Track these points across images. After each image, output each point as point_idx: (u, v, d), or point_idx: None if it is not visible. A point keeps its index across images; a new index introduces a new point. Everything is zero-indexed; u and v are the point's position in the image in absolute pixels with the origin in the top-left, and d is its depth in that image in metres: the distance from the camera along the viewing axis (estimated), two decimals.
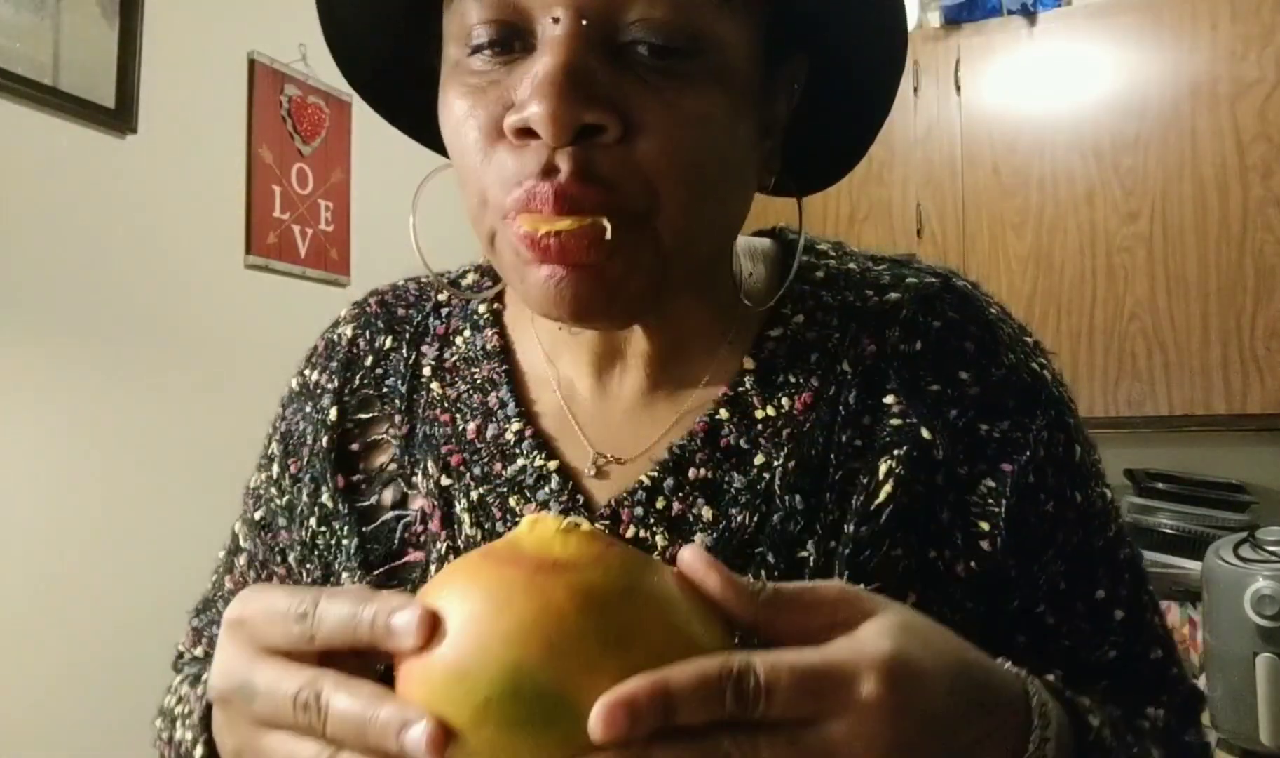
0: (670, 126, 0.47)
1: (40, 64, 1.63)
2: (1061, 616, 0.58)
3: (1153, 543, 2.19)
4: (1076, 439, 0.60)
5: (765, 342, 0.59)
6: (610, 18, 0.46)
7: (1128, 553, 0.62)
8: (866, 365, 0.58)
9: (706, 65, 0.48)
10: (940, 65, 2.46)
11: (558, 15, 0.46)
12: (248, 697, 0.40)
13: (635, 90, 0.46)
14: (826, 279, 0.62)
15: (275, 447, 0.68)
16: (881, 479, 0.55)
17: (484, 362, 0.63)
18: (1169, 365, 2.24)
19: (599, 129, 0.46)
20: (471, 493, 0.58)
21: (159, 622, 1.75)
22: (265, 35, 2.09)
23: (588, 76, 0.45)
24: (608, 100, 0.46)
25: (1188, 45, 2.25)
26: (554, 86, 0.44)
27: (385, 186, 2.41)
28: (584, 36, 0.46)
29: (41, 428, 1.63)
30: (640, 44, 0.46)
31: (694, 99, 0.47)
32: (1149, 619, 0.62)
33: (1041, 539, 0.57)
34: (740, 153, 0.52)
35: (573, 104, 0.44)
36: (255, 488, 0.69)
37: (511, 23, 0.47)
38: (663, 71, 0.47)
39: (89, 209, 1.72)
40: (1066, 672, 0.54)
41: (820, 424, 0.56)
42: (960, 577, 0.55)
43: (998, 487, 0.56)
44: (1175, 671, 0.62)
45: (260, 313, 2.06)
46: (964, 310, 0.61)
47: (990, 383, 0.58)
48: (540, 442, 0.59)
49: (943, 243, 2.45)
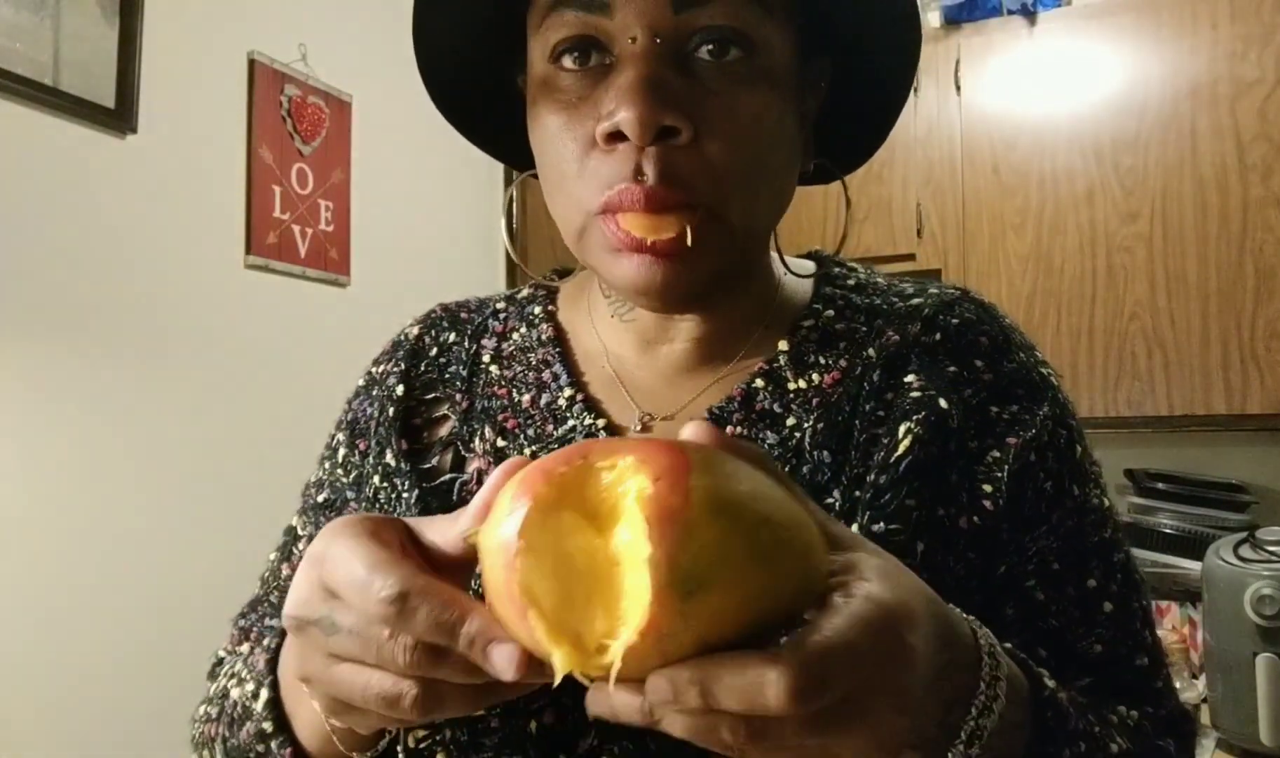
0: (733, 128, 0.54)
1: (40, 64, 1.63)
2: (1051, 594, 0.60)
3: (1153, 543, 2.19)
4: (1078, 440, 0.65)
5: (799, 329, 0.66)
6: (679, 33, 0.54)
7: (1122, 558, 0.64)
8: (890, 352, 0.64)
9: (758, 66, 0.55)
10: (940, 65, 2.46)
11: (635, 35, 0.54)
12: (327, 628, 0.42)
13: (701, 96, 0.54)
14: (856, 286, 0.70)
15: (341, 436, 0.72)
16: (900, 438, 0.60)
17: (539, 348, 0.70)
18: (1169, 365, 2.24)
19: (675, 131, 0.53)
20: (525, 451, 0.64)
21: (159, 620, 1.76)
22: (265, 35, 2.09)
23: (664, 85, 0.53)
24: (681, 105, 0.53)
25: (1188, 45, 2.25)
26: (638, 94, 0.52)
27: (385, 187, 2.41)
28: (658, 51, 0.54)
29: (41, 427, 1.63)
30: (704, 49, 0.54)
31: (749, 98, 0.55)
32: (1138, 625, 0.63)
33: (1037, 513, 0.61)
34: (788, 144, 0.59)
35: (654, 108, 0.52)
36: (317, 479, 0.73)
37: (595, 41, 0.55)
38: (722, 74, 0.55)
39: (89, 209, 1.72)
40: (1053, 657, 0.56)
41: (847, 396, 0.62)
42: (963, 529, 0.59)
43: (1002, 456, 0.61)
44: (1161, 685, 0.63)
45: (260, 313, 2.06)
46: (980, 314, 0.67)
47: (1002, 372, 0.64)
48: (590, 405, 0.65)
49: (943, 243, 2.45)
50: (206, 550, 1.81)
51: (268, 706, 0.55)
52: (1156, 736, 0.61)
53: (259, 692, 0.56)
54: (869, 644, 0.37)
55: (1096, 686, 0.59)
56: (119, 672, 1.69)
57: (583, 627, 0.36)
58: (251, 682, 0.58)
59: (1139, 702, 0.61)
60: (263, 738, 0.56)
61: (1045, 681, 0.51)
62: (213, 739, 0.62)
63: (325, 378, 1.17)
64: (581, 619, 0.36)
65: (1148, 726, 0.60)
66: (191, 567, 1.80)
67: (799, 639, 0.36)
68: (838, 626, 0.37)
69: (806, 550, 0.38)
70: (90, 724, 1.65)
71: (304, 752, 0.55)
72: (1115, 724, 0.58)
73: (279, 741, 0.55)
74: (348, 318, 2.26)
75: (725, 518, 0.35)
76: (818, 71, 0.63)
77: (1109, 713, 0.58)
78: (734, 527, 0.35)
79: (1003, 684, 0.45)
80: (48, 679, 1.61)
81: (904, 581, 0.41)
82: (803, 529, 0.38)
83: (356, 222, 2.32)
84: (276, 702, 0.55)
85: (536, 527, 0.36)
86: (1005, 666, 0.46)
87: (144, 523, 1.78)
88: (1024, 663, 0.51)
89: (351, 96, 2.32)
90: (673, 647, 0.35)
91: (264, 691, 0.55)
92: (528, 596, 0.35)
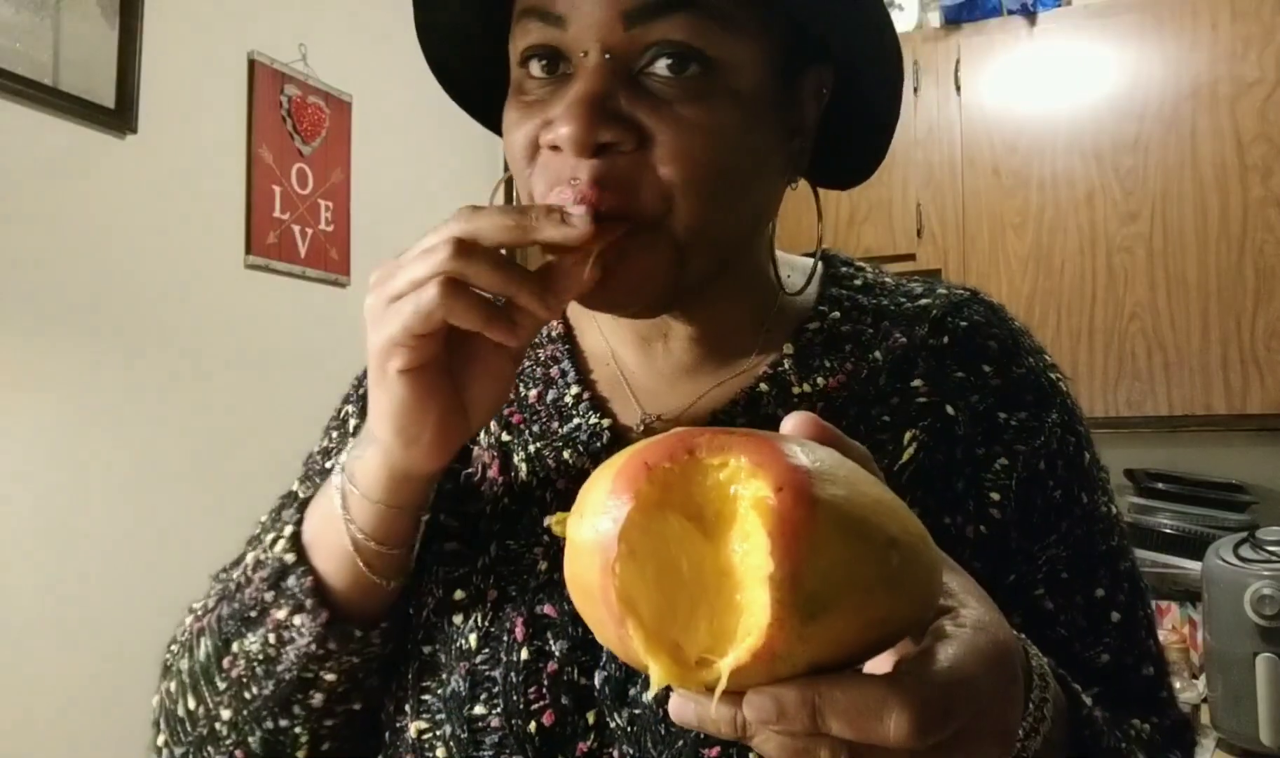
0: (680, 137, 0.54)
1: (40, 64, 1.63)
2: (1059, 604, 0.61)
3: (1153, 543, 2.19)
4: (1086, 448, 0.65)
5: (804, 332, 0.65)
6: (630, 50, 0.54)
7: (1129, 567, 0.64)
8: (896, 355, 0.63)
9: (717, 83, 0.54)
10: (940, 65, 2.46)
11: (587, 49, 0.54)
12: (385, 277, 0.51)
13: (651, 108, 0.54)
14: (863, 286, 0.69)
15: (352, 408, 0.73)
16: (905, 444, 0.60)
17: (548, 344, 0.70)
18: (1169, 365, 2.24)
19: (615, 145, 0.53)
20: (529, 447, 0.64)
21: (158, 618, 1.75)
22: (265, 35, 2.09)
23: (607, 102, 0.53)
24: (625, 120, 0.53)
25: (1188, 45, 2.25)
26: (576, 112, 0.53)
27: (385, 186, 2.41)
28: (608, 67, 0.54)
29: (41, 427, 1.63)
30: (657, 70, 0.54)
31: (704, 112, 0.54)
32: (1143, 635, 0.63)
33: (1046, 522, 0.61)
34: (754, 156, 0.58)
35: (591, 126, 0.52)
36: (323, 448, 0.73)
37: (556, 52, 0.56)
38: (677, 89, 0.54)
39: (89, 209, 1.72)
40: (1060, 666, 0.55)
41: (852, 400, 0.62)
42: (970, 538, 0.59)
43: (1010, 464, 0.60)
44: (1165, 694, 0.63)
45: (260, 313, 2.06)
46: (989, 316, 0.66)
47: (1010, 378, 0.63)
48: (595, 403, 0.65)
49: (943, 243, 2.45)
50: (206, 550, 1.80)
51: (290, 540, 0.58)
52: (1165, 748, 0.61)
53: (279, 536, 0.59)
54: (987, 679, 0.36)
55: (1104, 696, 0.59)
56: (119, 672, 1.69)
57: (683, 638, 0.34)
58: (270, 534, 0.60)
59: (1145, 711, 0.61)
60: (279, 577, 0.57)
61: (1083, 698, 0.51)
62: (199, 633, 0.62)
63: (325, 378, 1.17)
64: (683, 630, 0.34)
65: (1159, 739, 0.60)
66: (190, 567, 1.79)
67: (921, 669, 0.35)
68: (958, 657, 0.35)
69: (930, 574, 0.36)
70: (91, 724, 1.65)
71: (323, 586, 0.57)
72: (1134, 738, 0.58)
73: (299, 572, 0.57)
74: (348, 318, 2.25)
75: (854, 537, 0.33)
76: (817, 81, 0.61)
77: (1126, 727, 0.58)
78: (864, 547, 0.33)
79: (1049, 706, 0.45)
80: (47, 679, 1.61)
81: (992, 603, 0.40)
82: (927, 549, 0.36)
83: (356, 222, 2.32)
84: (298, 537, 0.58)
85: (638, 530, 0.34)
86: (1053, 686, 0.46)
87: (143, 522, 1.78)
88: (1061, 679, 0.50)
89: (351, 96, 2.32)
90: (784, 668, 0.33)
91: (288, 528, 0.59)
92: (627, 605, 0.33)
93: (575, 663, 0.56)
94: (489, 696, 0.56)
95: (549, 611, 0.57)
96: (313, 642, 0.56)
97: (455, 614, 0.59)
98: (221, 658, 0.59)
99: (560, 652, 0.56)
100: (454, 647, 0.58)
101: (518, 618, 0.57)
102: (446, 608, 0.60)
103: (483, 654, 0.57)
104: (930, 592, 0.36)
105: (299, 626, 0.57)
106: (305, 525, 0.59)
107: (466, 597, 0.59)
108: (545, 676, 0.56)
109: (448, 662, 0.58)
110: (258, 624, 0.58)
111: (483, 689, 0.57)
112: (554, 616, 0.57)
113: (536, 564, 0.59)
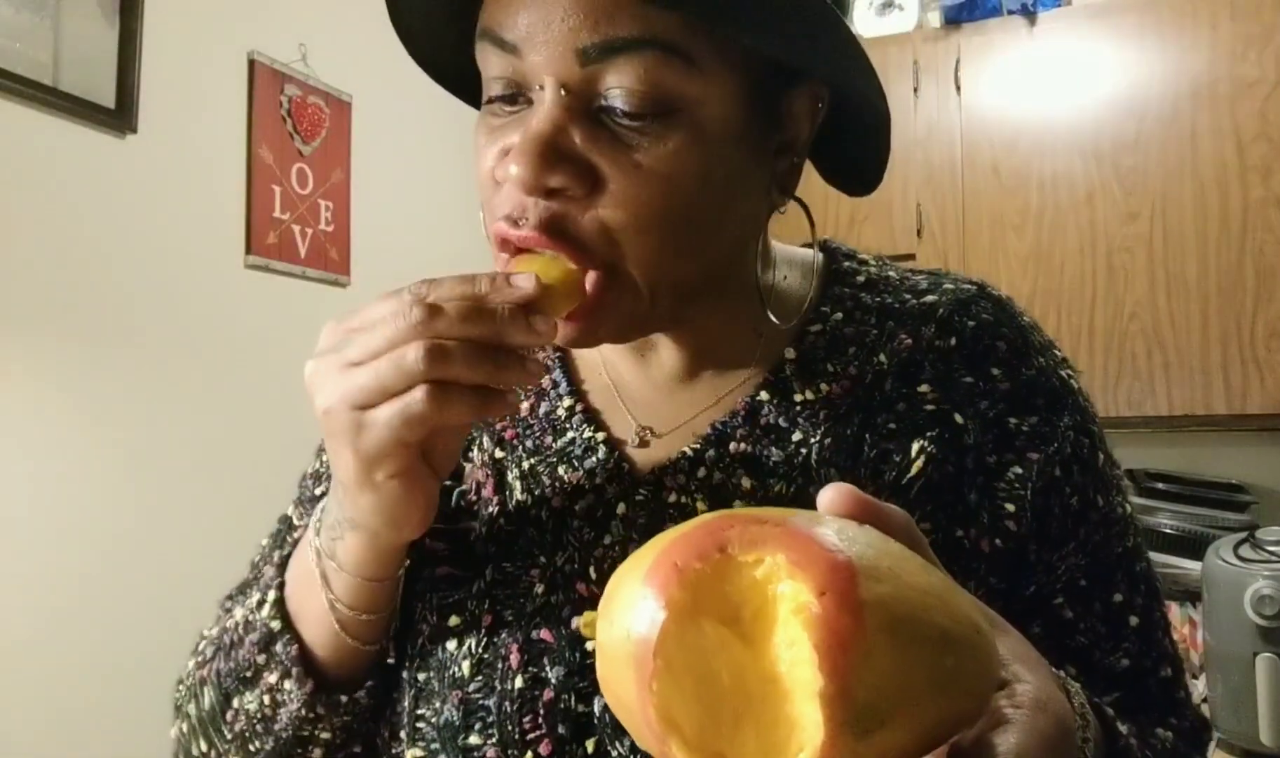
0: (631, 186, 0.52)
1: (40, 64, 1.63)
2: (1079, 611, 0.59)
3: (1153, 543, 2.19)
4: (1100, 447, 0.63)
5: (806, 336, 0.63)
6: (588, 88, 0.52)
7: (1144, 568, 0.63)
8: (902, 358, 0.61)
9: (679, 122, 0.52)
10: (940, 65, 2.46)
11: (543, 83, 0.52)
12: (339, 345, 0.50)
13: (607, 149, 0.52)
14: (866, 283, 0.66)
15: None
16: (913, 457, 0.58)
17: (540, 352, 0.67)
18: (1169, 365, 2.24)
19: (565, 190, 0.52)
20: (523, 463, 0.63)
21: (159, 619, 1.75)
22: (265, 35, 2.09)
23: (560, 143, 0.51)
24: (576, 163, 0.52)
25: (1188, 45, 2.25)
26: (526, 153, 0.51)
27: (385, 187, 2.41)
28: (564, 103, 0.52)
29: (41, 427, 1.63)
30: (614, 109, 0.52)
31: (660, 159, 0.52)
32: (1160, 636, 0.62)
33: (1064, 531, 0.59)
34: (725, 190, 0.55)
35: (539, 171, 0.51)
36: (314, 471, 0.71)
37: (517, 83, 0.54)
38: (634, 133, 0.52)
39: (89, 209, 1.72)
40: (1080, 673, 0.55)
41: (857, 408, 0.60)
42: (985, 552, 0.57)
43: (1024, 473, 0.59)
44: (1183, 694, 0.63)
45: (260, 313, 2.06)
46: (998, 314, 0.64)
47: (1021, 381, 0.61)
48: (589, 416, 0.64)
49: (943, 243, 2.44)
50: (206, 550, 1.81)
51: (275, 605, 0.57)
52: (1186, 753, 0.60)
53: (264, 600, 0.58)
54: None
55: (1124, 700, 0.58)
56: (117, 671, 1.69)
57: (730, 751, 0.32)
58: (256, 593, 0.60)
59: (1164, 713, 0.61)
60: (268, 642, 0.57)
61: (1119, 728, 0.50)
62: (202, 683, 0.62)
63: None
64: (729, 743, 0.32)
65: (1181, 745, 0.60)
66: (190, 566, 1.80)
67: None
68: (1021, 748, 0.35)
69: (987, 665, 0.35)
70: (90, 724, 1.65)
71: (309, 654, 0.57)
72: (1159, 751, 0.57)
73: (285, 639, 0.57)
74: None
75: (905, 640, 0.31)
76: (811, 97, 0.58)
77: (1152, 739, 0.58)
78: (916, 651, 0.32)
79: (1091, 746, 0.44)
80: (45, 678, 1.61)
81: (1044, 666, 0.39)
82: (980, 639, 0.34)
83: (356, 222, 2.31)
84: (282, 602, 0.58)
85: (674, 642, 0.32)
86: (1092, 725, 0.46)
87: (143, 522, 1.78)
88: (1099, 709, 0.50)
89: (351, 96, 2.32)
90: None
91: (271, 592, 0.58)
92: (668, 724, 0.32)
93: (573, 690, 0.54)
94: (483, 726, 0.55)
95: (545, 635, 0.56)
96: (303, 707, 0.57)
97: (449, 640, 0.59)
98: (224, 712, 0.60)
99: (557, 679, 0.55)
100: (447, 674, 0.58)
101: (513, 644, 0.56)
102: (441, 634, 0.59)
103: (476, 683, 0.57)
104: (988, 684, 0.35)
105: (289, 690, 0.57)
106: (288, 589, 0.59)
107: (461, 622, 0.59)
108: (541, 704, 0.55)
109: (441, 690, 0.58)
110: (253, 684, 0.59)
111: (476, 719, 0.56)
112: (550, 641, 0.56)
113: (533, 588, 0.58)
